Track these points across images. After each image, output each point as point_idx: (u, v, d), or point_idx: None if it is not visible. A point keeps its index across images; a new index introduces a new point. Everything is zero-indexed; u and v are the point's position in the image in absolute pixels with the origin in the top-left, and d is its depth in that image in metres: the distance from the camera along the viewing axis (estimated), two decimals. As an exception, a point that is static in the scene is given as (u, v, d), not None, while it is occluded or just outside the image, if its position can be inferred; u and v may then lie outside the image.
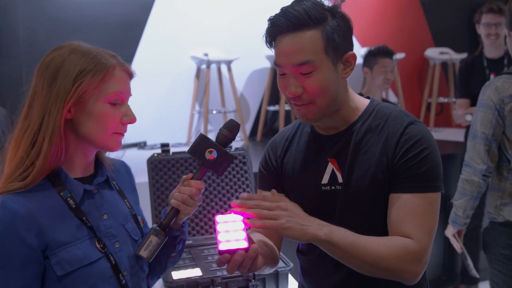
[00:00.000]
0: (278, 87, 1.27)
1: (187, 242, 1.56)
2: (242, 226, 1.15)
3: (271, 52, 1.26)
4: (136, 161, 1.97)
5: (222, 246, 1.13)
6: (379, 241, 1.17)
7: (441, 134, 5.21)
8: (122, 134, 1.20)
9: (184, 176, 1.25)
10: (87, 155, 1.21)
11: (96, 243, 1.15)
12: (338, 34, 1.20)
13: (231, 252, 1.12)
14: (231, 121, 1.24)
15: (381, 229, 1.27)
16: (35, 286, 1.09)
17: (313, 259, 1.37)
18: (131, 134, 1.30)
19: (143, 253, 1.19)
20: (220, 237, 1.14)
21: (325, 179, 1.31)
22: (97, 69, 1.13)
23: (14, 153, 1.13)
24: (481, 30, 3.30)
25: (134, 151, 4.46)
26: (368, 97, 1.36)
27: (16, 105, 1.19)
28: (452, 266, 3.83)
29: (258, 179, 1.48)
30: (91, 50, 1.16)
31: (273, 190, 1.21)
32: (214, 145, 1.20)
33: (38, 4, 4.38)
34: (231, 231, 1.15)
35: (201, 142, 1.21)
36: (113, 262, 1.17)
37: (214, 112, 4.70)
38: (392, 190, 1.24)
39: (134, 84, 1.25)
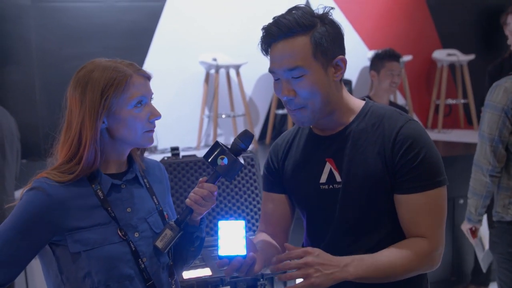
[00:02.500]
0: (274, 92, 1.33)
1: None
2: (243, 233, 1.22)
3: None
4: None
5: (222, 252, 1.21)
6: (397, 253, 1.24)
7: (449, 135, 5.19)
8: (152, 131, 1.35)
9: (200, 179, 1.34)
10: (121, 155, 1.37)
11: (118, 231, 1.29)
12: (327, 39, 1.25)
13: (230, 257, 1.20)
14: (246, 131, 1.32)
15: (379, 226, 1.32)
16: (26, 256, 1.25)
17: None
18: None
19: (159, 244, 1.32)
20: (220, 242, 1.22)
21: (323, 179, 1.35)
22: (118, 81, 1.27)
23: (61, 157, 1.30)
24: (508, 30, 3.28)
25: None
26: (363, 99, 1.40)
27: (29, 111, 1.27)
28: (462, 267, 3.82)
29: (262, 181, 1.54)
30: (110, 64, 1.30)
31: (288, 245, 1.23)
32: (226, 153, 1.29)
33: (49, 13, 4.45)
34: (232, 237, 1.22)
35: (215, 149, 1.30)
36: (133, 249, 1.30)
37: (224, 116, 4.75)
38: (397, 191, 1.29)
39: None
